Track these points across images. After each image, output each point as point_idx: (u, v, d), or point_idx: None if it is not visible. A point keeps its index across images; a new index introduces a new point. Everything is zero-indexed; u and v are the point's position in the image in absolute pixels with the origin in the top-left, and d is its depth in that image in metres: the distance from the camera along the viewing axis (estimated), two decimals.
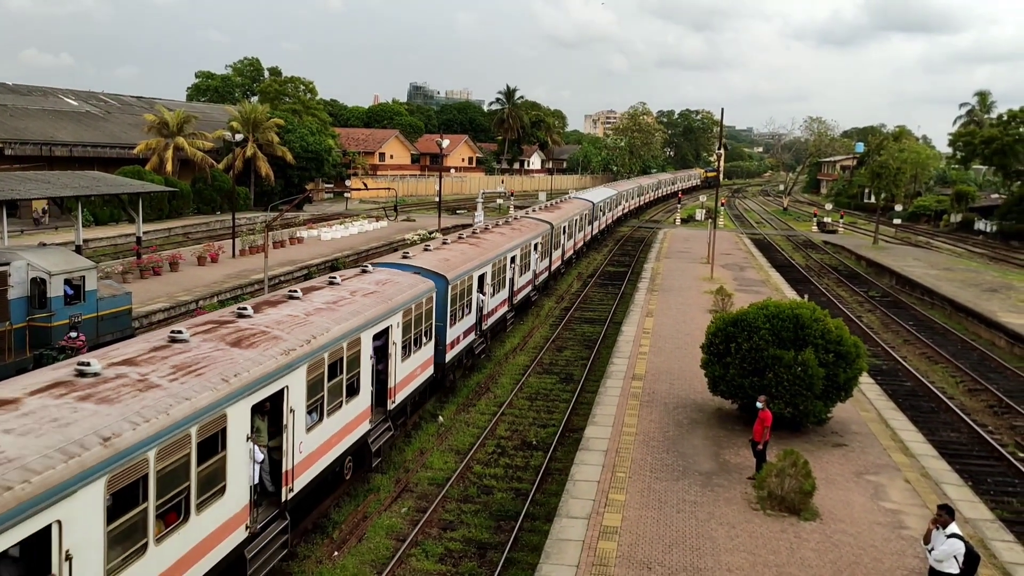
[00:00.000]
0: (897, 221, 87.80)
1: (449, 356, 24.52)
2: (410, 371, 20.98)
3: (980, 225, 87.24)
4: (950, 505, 12.49)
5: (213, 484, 11.96)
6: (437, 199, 76.10)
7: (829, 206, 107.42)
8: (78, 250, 32.59)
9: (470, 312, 26.95)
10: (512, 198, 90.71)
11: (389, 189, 73.15)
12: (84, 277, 24.64)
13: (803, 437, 19.97)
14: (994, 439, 23.49)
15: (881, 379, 28.15)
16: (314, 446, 15.29)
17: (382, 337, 18.78)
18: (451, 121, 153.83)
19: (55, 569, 8.90)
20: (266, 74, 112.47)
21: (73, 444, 9.33)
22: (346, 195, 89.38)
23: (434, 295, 22.65)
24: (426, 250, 27.07)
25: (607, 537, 14.74)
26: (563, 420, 23.64)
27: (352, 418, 17.14)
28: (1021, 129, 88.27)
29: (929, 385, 28.65)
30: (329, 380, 15.66)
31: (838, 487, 17.24)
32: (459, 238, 31.35)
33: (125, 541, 10.06)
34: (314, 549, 15.78)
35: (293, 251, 50.37)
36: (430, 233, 59.05)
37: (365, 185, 66.36)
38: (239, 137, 57.42)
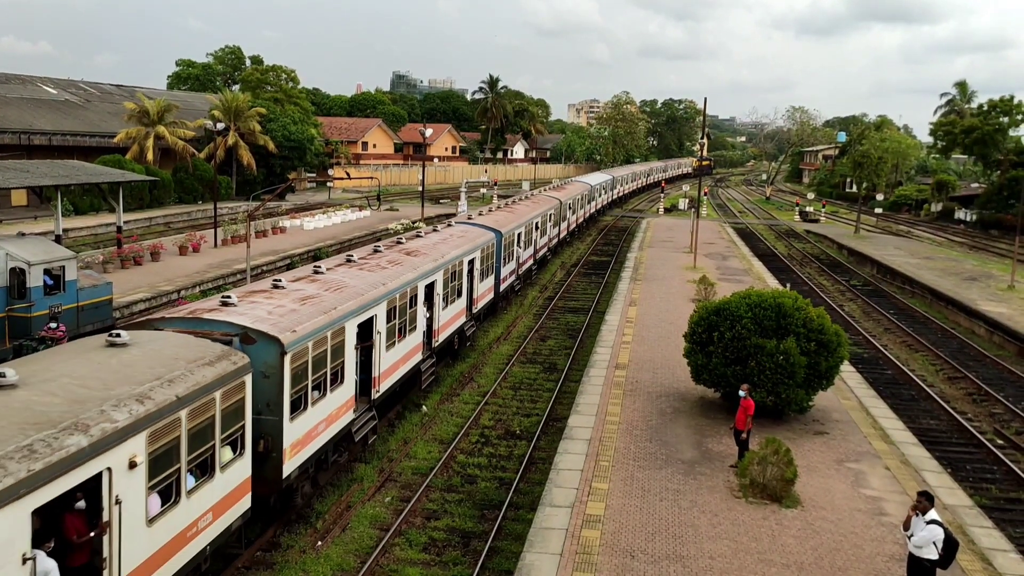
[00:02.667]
0: (878, 210, 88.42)
1: (503, 287, 35.35)
2: (481, 292, 31.18)
3: (960, 214, 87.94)
4: (929, 492, 12.60)
5: (339, 375, 17.16)
6: (420, 188, 75.86)
7: (811, 195, 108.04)
8: (58, 240, 32.25)
9: (511, 260, 36.86)
10: (496, 187, 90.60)
11: (372, 178, 72.97)
12: (64, 267, 24.41)
13: (785, 425, 20.11)
14: (973, 426, 23.76)
15: (862, 367, 28.39)
16: (390, 362, 20.57)
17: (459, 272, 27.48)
18: (434, 110, 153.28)
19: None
20: (248, 63, 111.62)
21: (321, 314, 16.45)
22: (329, 184, 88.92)
23: (494, 243, 32.84)
24: (480, 214, 38.32)
25: (590, 525, 14.81)
26: (547, 409, 23.69)
27: (414, 345, 22.87)
28: (1001, 119, 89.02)
29: (909, 373, 28.91)
30: (391, 320, 20.49)
31: (819, 475, 17.38)
32: (499, 207, 43.33)
33: (319, 377, 16.09)
34: (298, 539, 15.76)
35: (276, 241, 50.10)
36: (413, 222, 58.86)
37: (348, 175, 65.97)
38: (220, 126, 57.05)
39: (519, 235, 38.39)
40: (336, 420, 17.16)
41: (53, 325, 22.82)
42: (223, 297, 15.91)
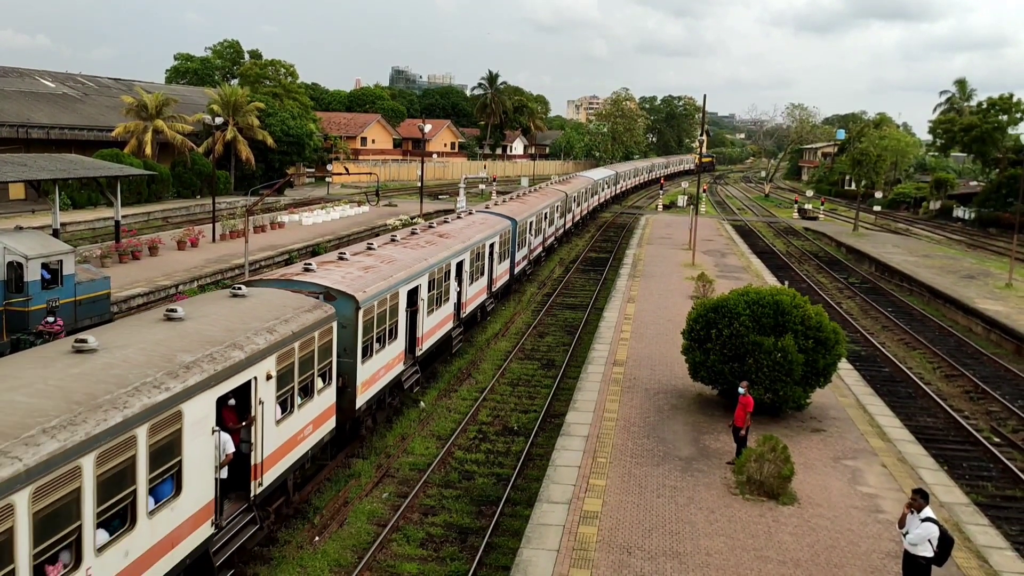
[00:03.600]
0: (877, 208, 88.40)
1: (517, 269, 39.58)
2: (499, 273, 35.00)
3: (959, 212, 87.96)
4: (925, 489, 12.62)
5: (394, 331, 20.88)
6: (419, 184, 75.79)
7: (810, 193, 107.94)
8: (55, 234, 32.23)
9: (524, 246, 41.02)
10: (494, 184, 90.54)
11: (371, 174, 72.79)
12: (62, 261, 24.39)
13: (782, 422, 20.14)
14: (970, 424, 23.80)
15: (859, 365, 28.42)
16: (429, 326, 24.36)
17: (481, 254, 31.06)
18: (433, 106, 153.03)
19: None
20: (246, 57, 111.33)
21: (381, 280, 20.24)
22: (327, 180, 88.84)
23: (510, 229, 36.88)
24: (497, 203, 43.33)
25: (587, 522, 14.83)
26: (544, 406, 23.70)
27: (447, 314, 26.76)
28: (1000, 117, 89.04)
29: (907, 371, 28.95)
30: (431, 290, 24.13)
31: (816, 472, 17.41)
32: (512, 198, 47.40)
33: (380, 331, 19.77)
34: (295, 534, 15.77)
35: (274, 236, 50.07)
36: (412, 218, 58.84)
37: (347, 170, 66.07)
38: (219, 120, 56.88)
39: (531, 223, 42.36)
40: (391, 369, 20.94)
41: (51, 319, 22.78)
42: (305, 264, 19.81)
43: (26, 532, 8.82)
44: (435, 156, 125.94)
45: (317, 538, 15.71)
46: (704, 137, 70.58)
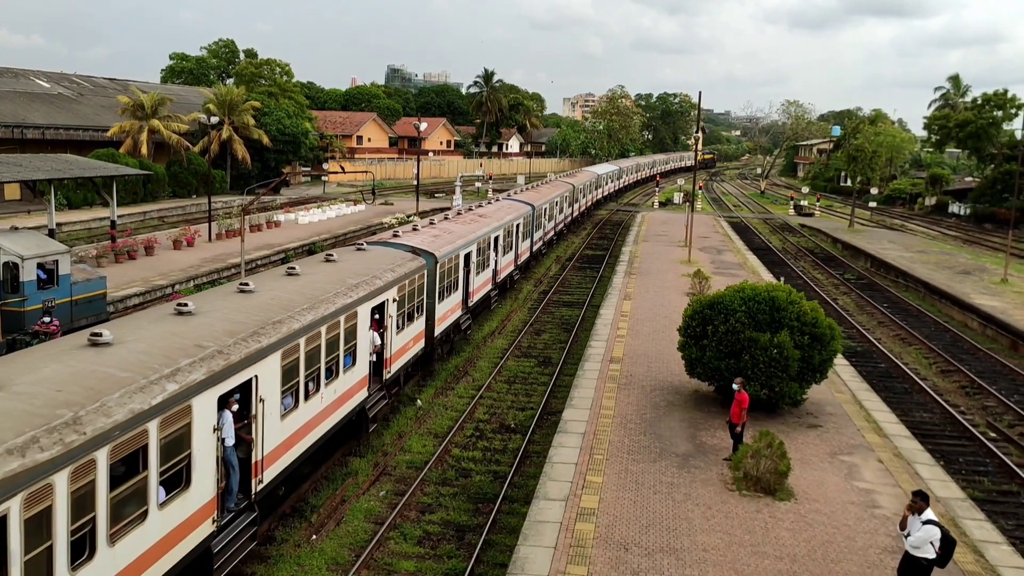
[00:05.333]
0: (873, 204, 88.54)
1: (535, 248, 46.52)
2: (523, 249, 41.89)
3: (954, 208, 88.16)
4: (925, 491, 12.61)
5: (456, 285, 27.69)
6: (415, 182, 75.76)
7: (806, 189, 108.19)
8: (51, 234, 32.17)
9: (540, 229, 47.45)
10: (491, 182, 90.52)
11: (367, 172, 72.85)
12: (57, 261, 24.36)
13: (779, 418, 20.17)
14: (966, 419, 23.85)
15: (856, 361, 28.48)
16: (476, 285, 30.98)
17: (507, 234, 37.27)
18: (429, 104, 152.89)
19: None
20: (242, 56, 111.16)
21: (447, 244, 27.00)
22: (323, 178, 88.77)
23: (531, 213, 43.45)
24: (518, 192, 50.12)
25: (585, 519, 14.85)
26: (541, 403, 23.72)
27: (486, 278, 33.37)
28: (995, 112, 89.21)
29: (903, 366, 29.01)
30: (479, 256, 30.99)
31: (813, 467, 17.45)
32: (529, 188, 54.57)
33: (449, 283, 26.21)
34: (292, 533, 15.78)
35: (270, 235, 50.02)
36: (408, 216, 58.79)
37: (342, 168, 66.09)
38: (215, 120, 56.91)
39: (546, 209, 49.24)
40: (453, 313, 27.70)
41: (47, 319, 22.79)
42: (393, 232, 27.01)
43: (104, 484, 9.92)
44: (431, 154, 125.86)
45: (314, 536, 15.72)
46: (700, 134, 70.61)
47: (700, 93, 58.49)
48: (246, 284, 16.24)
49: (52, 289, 24.05)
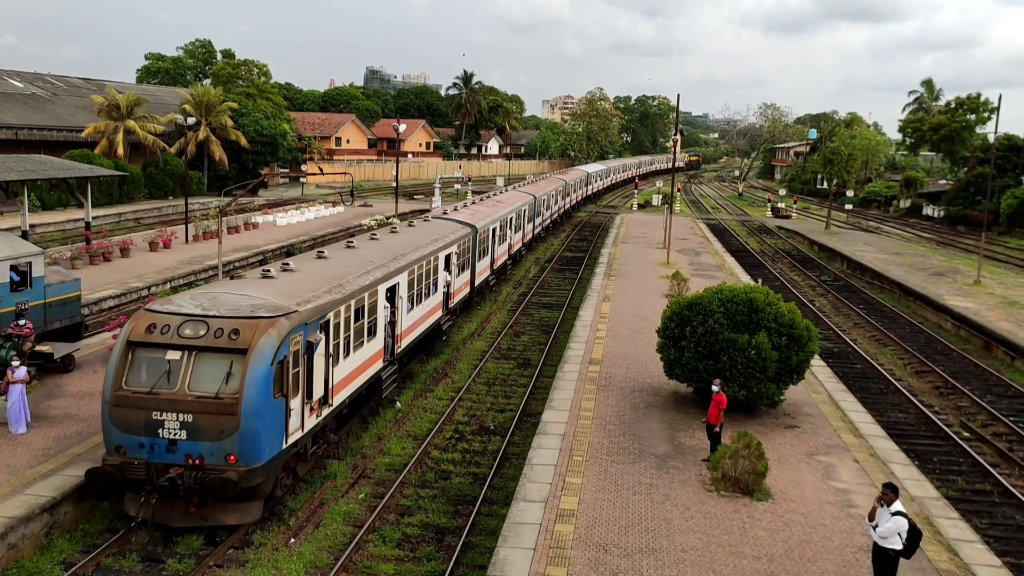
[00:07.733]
0: (848, 206, 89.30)
1: (535, 232, 54.65)
2: (526, 232, 50.07)
3: (928, 210, 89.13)
4: (894, 484, 12.78)
5: (487, 251, 37.65)
6: (394, 184, 75.56)
7: (783, 192, 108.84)
8: (24, 235, 31.77)
9: (538, 217, 54.92)
10: (470, 184, 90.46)
11: (345, 174, 72.54)
12: (31, 263, 24.01)
13: (756, 419, 20.30)
14: (940, 419, 24.11)
15: (832, 362, 28.72)
16: (498, 254, 40.01)
17: (513, 219, 45.31)
18: (408, 106, 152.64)
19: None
20: (219, 56, 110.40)
21: (484, 219, 37.26)
22: (302, 180, 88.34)
23: (532, 203, 51.78)
24: (522, 185, 61.28)
25: (564, 520, 14.86)
26: (521, 405, 23.73)
27: (504, 251, 42.24)
28: (968, 116, 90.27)
29: (878, 367, 29.29)
30: (501, 231, 40.30)
31: (790, 468, 17.57)
32: (528, 183, 65.04)
33: (483, 248, 36.98)
34: (270, 536, 15.67)
35: (248, 237, 49.71)
36: (387, 218, 58.62)
37: (321, 170, 65.70)
38: (191, 120, 56.38)
39: (545, 200, 57.55)
40: (485, 273, 37.11)
41: (20, 322, 22.44)
42: (444, 209, 37.96)
43: (352, 319, 19.18)
44: (410, 156, 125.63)
45: (292, 540, 15.62)
46: (678, 136, 70.92)
47: (678, 95, 59.05)
48: (374, 234, 27.13)
49: (25, 291, 23.71)
